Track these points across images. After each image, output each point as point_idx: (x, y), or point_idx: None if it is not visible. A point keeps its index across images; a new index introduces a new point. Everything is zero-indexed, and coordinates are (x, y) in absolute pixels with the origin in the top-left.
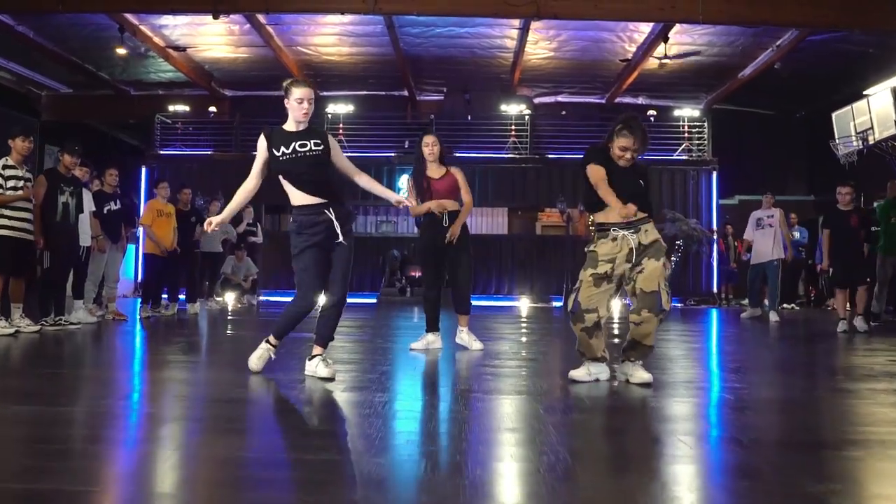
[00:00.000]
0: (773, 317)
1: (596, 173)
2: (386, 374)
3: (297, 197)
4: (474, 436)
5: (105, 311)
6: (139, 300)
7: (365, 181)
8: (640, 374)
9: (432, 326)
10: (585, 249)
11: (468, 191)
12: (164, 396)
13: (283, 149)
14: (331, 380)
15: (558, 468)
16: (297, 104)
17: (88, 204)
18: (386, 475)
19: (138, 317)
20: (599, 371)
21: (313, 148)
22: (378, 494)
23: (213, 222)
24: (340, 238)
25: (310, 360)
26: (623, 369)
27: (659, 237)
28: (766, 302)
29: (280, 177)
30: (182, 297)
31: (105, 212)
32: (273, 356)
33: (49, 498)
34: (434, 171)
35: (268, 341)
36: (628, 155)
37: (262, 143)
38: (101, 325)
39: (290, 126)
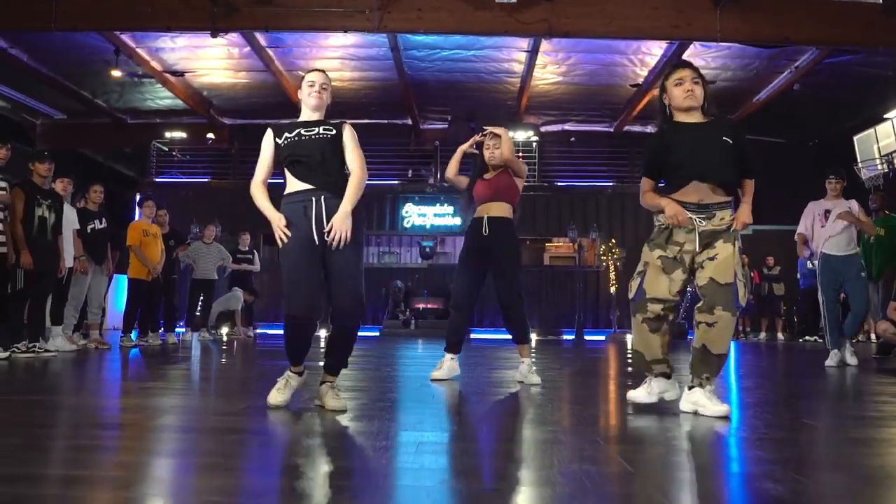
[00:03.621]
0: (848, 355)
1: (642, 188)
2: (393, 403)
3: (290, 184)
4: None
5: (87, 339)
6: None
7: (353, 180)
8: (714, 406)
9: (453, 348)
10: (655, 221)
11: (521, 171)
12: (147, 428)
13: (286, 134)
14: (342, 411)
15: None
16: (308, 87)
17: (72, 221)
18: None
19: (121, 346)
20: (663, 389)
21: (321, 132)
22: None
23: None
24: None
25: (321, 384)
26: (691, 398)
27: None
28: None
29: (284, 169)
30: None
31: (88, 230)
32: (295, 383)
33: None
34: (490, 174)
35: (289, 370)
36: (687, 85)
37: (267, 135)
38: (80, 355)
39: (301, 118)
